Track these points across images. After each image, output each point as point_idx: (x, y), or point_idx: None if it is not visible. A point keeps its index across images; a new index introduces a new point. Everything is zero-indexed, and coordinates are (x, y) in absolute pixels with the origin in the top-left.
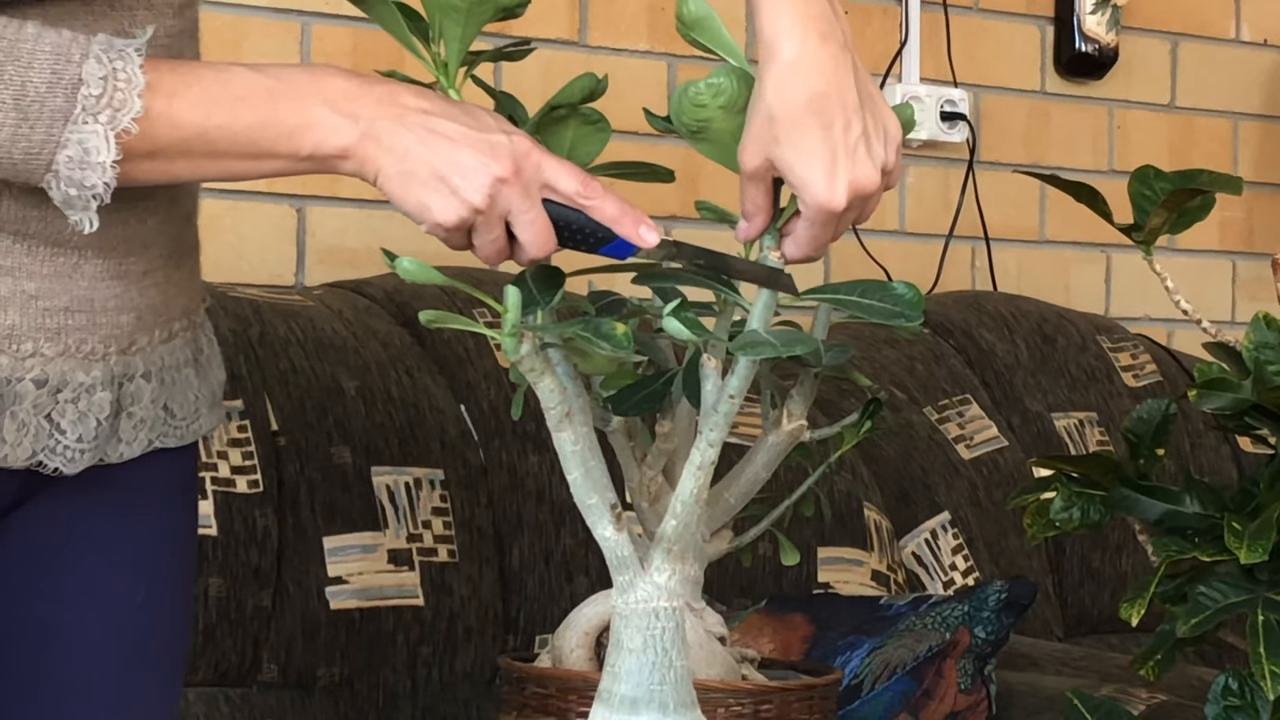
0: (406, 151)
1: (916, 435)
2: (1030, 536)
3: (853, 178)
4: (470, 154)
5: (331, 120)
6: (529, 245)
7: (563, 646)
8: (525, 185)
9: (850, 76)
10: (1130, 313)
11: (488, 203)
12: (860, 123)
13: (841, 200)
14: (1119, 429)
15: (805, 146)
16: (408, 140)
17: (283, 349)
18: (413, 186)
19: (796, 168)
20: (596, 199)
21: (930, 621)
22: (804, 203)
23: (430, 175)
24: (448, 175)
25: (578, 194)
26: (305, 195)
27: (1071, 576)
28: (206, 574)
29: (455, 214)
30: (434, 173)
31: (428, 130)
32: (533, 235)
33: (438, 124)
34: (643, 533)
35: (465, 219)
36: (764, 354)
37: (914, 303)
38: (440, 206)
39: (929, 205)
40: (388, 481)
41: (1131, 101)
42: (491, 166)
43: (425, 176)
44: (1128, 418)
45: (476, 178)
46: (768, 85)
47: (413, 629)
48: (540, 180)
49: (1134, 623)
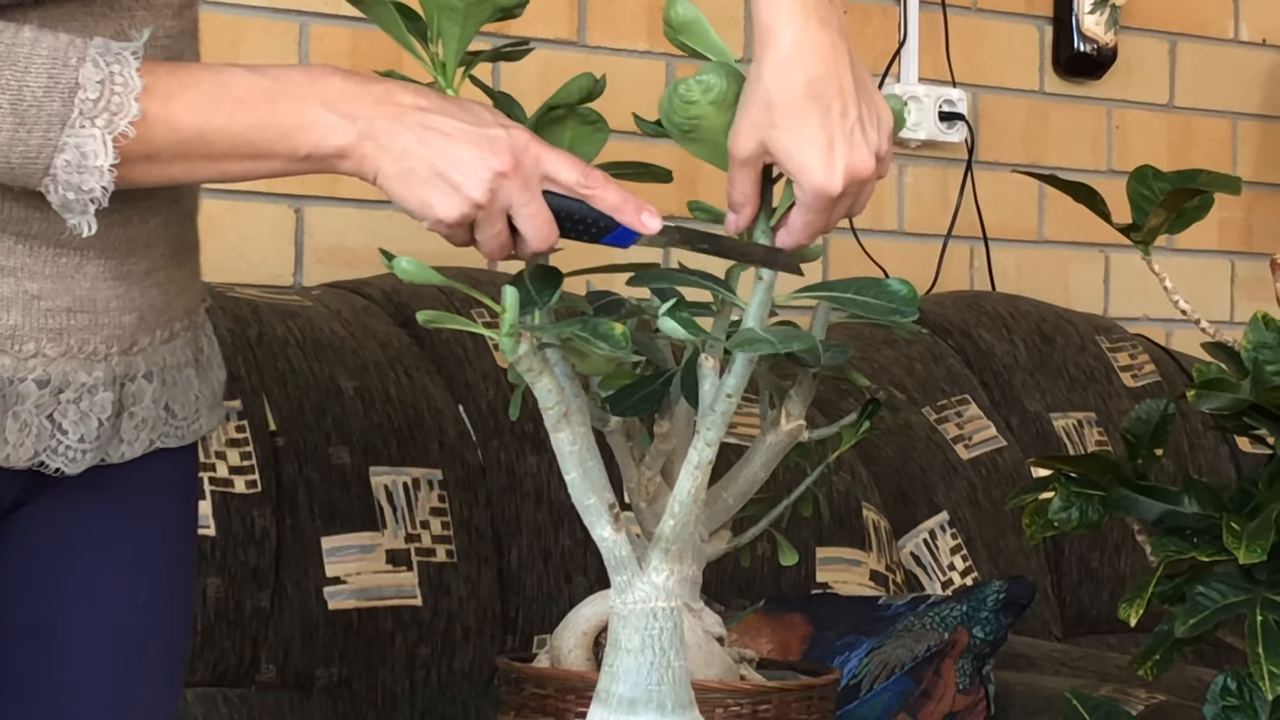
0: (405, 150)
1: (915, 435)
2: (1029, 536)
3: (849, 162)
4: (469, 149)
5: (329, 120)
6: (531, 238)
7: (561, 647)
8: (525, 178)
9: (847, 63)
10: (1129, 313)
11: (488, 197)
12: (856, 108)
13: (838, 184)
14: (1118, 429)
15: (803, 131)
16: (406, 138)
17: (281, 349)
18: (413, 184)
19: (795, 152)
20: (598, 188)
21: (929, 621)
22: (800, 187)
23: (430, 172)
24: (447, 172)
25: (578, 184)
26: (304, 195)
27: (1070, 576)
28: (205, 574)
29: (457, 210)
30: (434, 170)
31: (425, 128)
32: (534, 228)
33: (435, 121)
34: (641, 533)
35: (467, 214)
36: (761, 351)
37: (909, 299)
38: (441, 203)
39: (927, 205)
40: (386, 482)
41: (1130, 101)
42: (491, 161)
43: (425, 174)
44: (1126, 418)
45: (476, 173)
46: (765, 70)
47: (411, 629)
48: (540, 172)
49: (1132, 623)
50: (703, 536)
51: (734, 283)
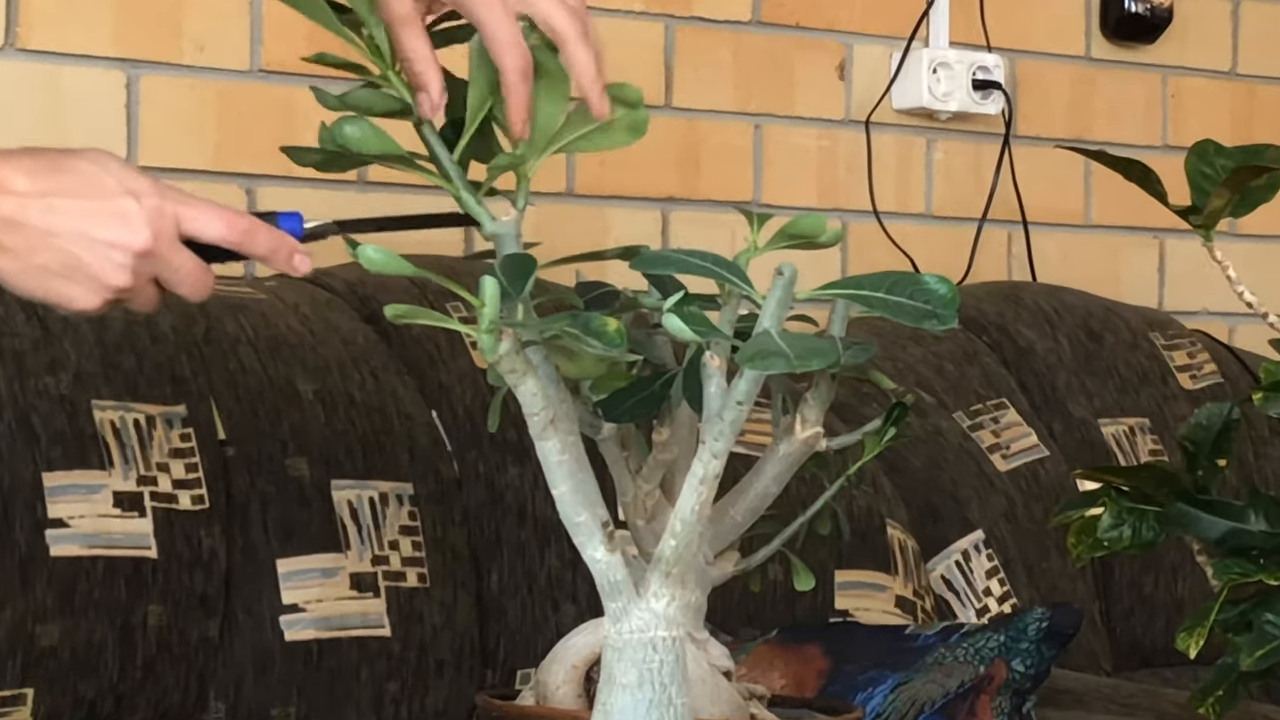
0: (32, 247)
1: (946, 444)
2: (1075, 558)
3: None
4: (102, 232)
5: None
6: (188, 295)
7: (548, 682)
8: (166, 247)
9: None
10: (1187, 306)
11: (131, 280)
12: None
13: None
14: (1174, 436)
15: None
16: (30, 234)
17: (231, 347)
18: (47, 280)
19: None
20: (246, 240)
21: (962, 653)
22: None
23: (64, 266)
24: (83, 263)
25: (224, 240)
26: (256, 175)
27: (1121, 603)
28: (146, 601)
29: (100, 298)
30: (66, 264)
31: (50, 213)
32: (189, 287)
33: (60, 205)
34: (638, 554)
35: (111, 300)
36: (775, 369)
37: (947, 300)
38: (83, 295)
39: (959, 185)
40: (350, 497)
41: (1188, 68)
42: (128, 241)
43: (59, 268)
44: (1184, 424)
45: (114, 258)
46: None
47: (378, 663)
48: (181, 234)
49: (1192, 655)
50: (707, 558)
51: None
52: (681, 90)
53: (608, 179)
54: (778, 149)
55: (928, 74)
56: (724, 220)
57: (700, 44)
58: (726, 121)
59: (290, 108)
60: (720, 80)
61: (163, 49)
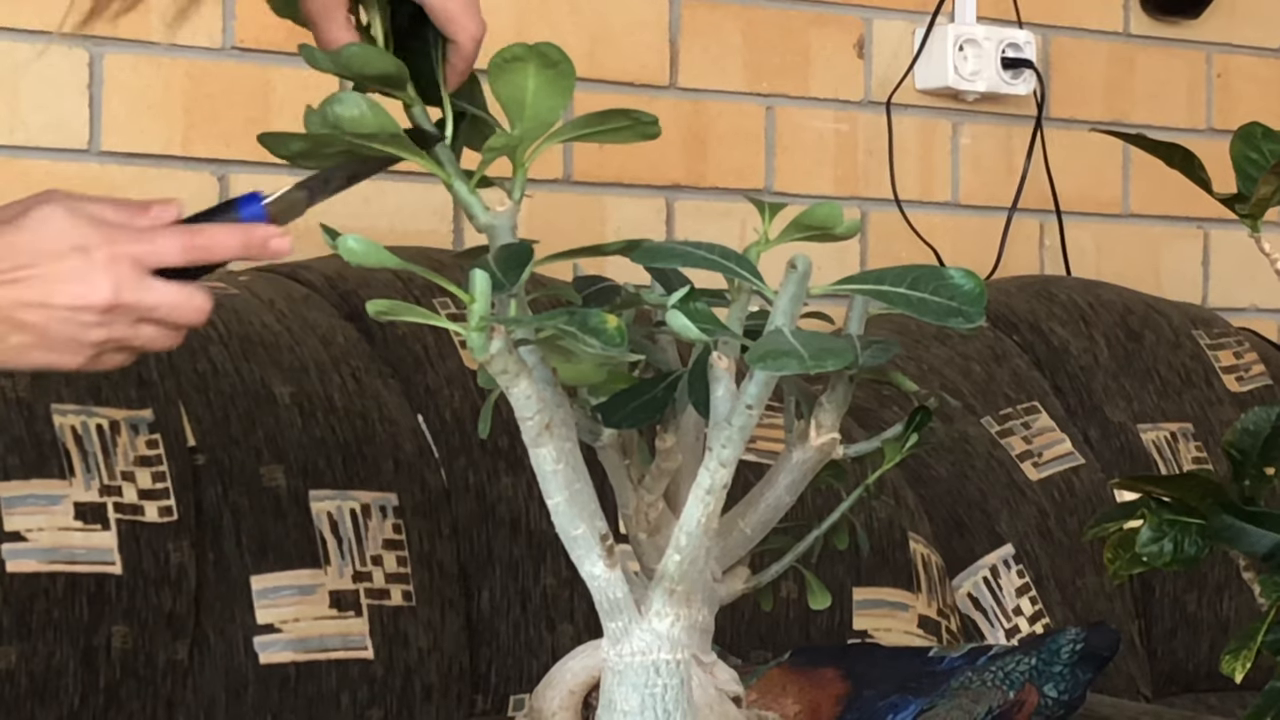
0: None
1: (973, 451)
2: (1112, 574)
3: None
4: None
5: None
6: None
7: (543, 708)
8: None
9: None
10: (1233, 302)
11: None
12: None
13: None
14: (1219, 443)
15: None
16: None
17: (201, 347)
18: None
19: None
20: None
21: (990, 678)
22: None
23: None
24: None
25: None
26: (228, 160)
27: (1162, 623)
28: (110, 621)
29: (84, 356)
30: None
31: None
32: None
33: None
34: (640, 570)
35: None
36: (788, 370)
37: (974, 296)
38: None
39: (988, 172)
40: (329, 508)
41: (1235, 45)
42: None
43: (33, 342)
44: (1230, 429)
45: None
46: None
47: (360, 688)
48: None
49: (1238, 679)
50: (715, 575)
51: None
52: (688, 70)
53: (608, 165)
54: (791, 133)
55: (953, 51)
56: (733, 210)
57: (708, 20)
58: (736, 103)
59: (266, 88)
60: (729, 59)
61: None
